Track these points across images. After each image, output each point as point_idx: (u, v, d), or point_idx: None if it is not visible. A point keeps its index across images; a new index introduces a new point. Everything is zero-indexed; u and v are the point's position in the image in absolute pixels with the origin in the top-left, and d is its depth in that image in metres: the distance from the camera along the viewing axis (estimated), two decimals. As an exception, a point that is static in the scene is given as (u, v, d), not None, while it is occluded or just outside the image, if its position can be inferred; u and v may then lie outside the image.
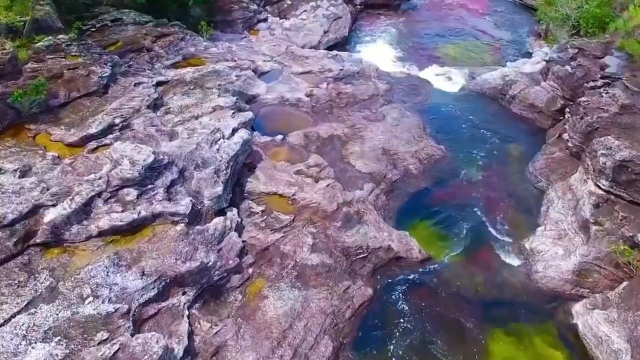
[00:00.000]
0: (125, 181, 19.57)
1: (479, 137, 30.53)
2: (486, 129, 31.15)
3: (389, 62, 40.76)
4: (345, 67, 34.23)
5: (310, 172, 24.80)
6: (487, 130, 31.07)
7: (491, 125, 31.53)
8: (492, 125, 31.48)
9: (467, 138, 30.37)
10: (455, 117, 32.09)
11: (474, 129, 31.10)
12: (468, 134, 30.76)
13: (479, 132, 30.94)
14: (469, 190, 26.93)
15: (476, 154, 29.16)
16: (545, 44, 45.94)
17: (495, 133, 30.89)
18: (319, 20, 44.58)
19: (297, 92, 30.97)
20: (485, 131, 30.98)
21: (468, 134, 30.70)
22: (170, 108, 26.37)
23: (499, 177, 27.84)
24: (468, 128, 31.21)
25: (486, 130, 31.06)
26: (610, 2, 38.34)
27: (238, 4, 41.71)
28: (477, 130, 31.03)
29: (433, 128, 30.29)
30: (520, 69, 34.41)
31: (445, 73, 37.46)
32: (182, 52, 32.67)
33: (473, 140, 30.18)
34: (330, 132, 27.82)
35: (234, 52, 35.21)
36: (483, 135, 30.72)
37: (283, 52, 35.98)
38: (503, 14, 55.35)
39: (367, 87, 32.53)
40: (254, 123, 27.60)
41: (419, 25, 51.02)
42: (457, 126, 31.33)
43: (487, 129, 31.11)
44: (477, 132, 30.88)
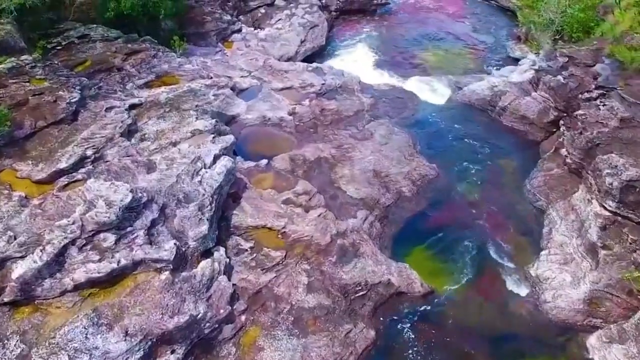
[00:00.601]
0: (101, 225, 17.78)
1: (471, 152, 29.23)
2: (477, 143, 29.87)
3: (370, 72, 39.28)
4: (327, 81, 32.65)
5: (299, 201, 23.19)
6: (478, 144, 29.79)
7: (482, 139, 30.24)
8: (483, 139, 30.20)
9: (459, 154, 29.03)
10: (444, 132, 30.73)
11: (465, 144, 29.79)
12: (459, 149, 29.42)
13: (471, 147, 29.64)
14: (465, 211, 25.58)
15: (470, 171, 27.86)
16: (526, 48, 44.88)
17: (487, 147, 29.62)
18: (295, 30, 42.98)
19: (278, 110, 29.32)
20: (477, 146, 29.69)
21: (459, 150, 29.37)
22: (146, 134, 24.59)
23: (495, 196, 26.53)
24: (459, 143, 29.89)
25: (477, 144, 29.78)
26: (594, 6, 37.32)
27: (211, 15, 39.87)
28: (468, 145, 29.73)
29: (423, 145, 28.86)
30: (509, 78, 33.14)
31: (430, 83, 36.06)
32: (154, 70, 30.81)
33: (465, 156, 28.86)
34: (317, 154, 26.21)
35: (210, 68, 33.44)
36: (475, 150, 29.43)
37: (261, 66, 34.25)
38: (480, 16, 54.28)
39: (351, 103, 30.99)
40: (236, 147, 25.82)
41: (397, 31, 49.68)
42: (447, 141, 29.98)
43: (478, 144, 29.83)
44: (468, 147, 29.57)
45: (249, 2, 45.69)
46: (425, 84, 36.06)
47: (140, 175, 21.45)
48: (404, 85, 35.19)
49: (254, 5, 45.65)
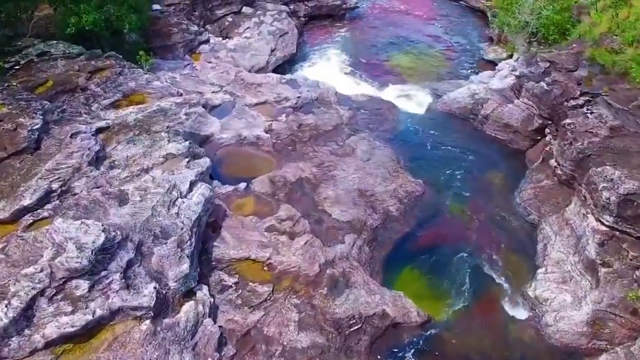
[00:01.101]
0: (72, 272, 16.28)
1: (456, 164, 28.27)
2: (462, 154, 28.95)
3: (345, 81, 38.17)
4: (302, 93, 31.36)
5: (283, 228, 21.89)
6: (463, 155, 28.86)
7: (466, 149, 29.31)
8: (467, 150, 29.28)
9: (444, 167, 28.06)
10: (427, 144, 29.73)
11: (450, 156, 28.84)
12: (444, 162, 28.44)
13: (455, 158, 28.71)
14: (455, 228, 24.59)
15: (456, 185, 26.92)
16: (500, 50, 44.36)
17: (472, 158, 28.72)
18: (265, 38, 41.62)
19: (254, 128, 27.95)
20: (462, 157, 28.77)
21: (444, 162, 28.39)
22: (115, 161, 23.05)
23: (485, 210, 25.59)
24: (443, 155, 28.94)
25: (462, 156, 28.86)
26: (569, 7, 36.68)
27: (177, 27, 38.21)
28: (452, 157, 28.80)
29: (407, 159, 27.80)
30: (489, 84, 32.21)
31: (408, 92, 35.04)
32: (121, 89, 29.11)
33: (450, 169, 27.89)
34: (298, 175, 24.94)
35: (179, 84, 31.91)
36: (460, 162, 28.49)
37: (232, 79, 32.80)
38: (450, 18, 53.60)
39: (329, 116, 29.74)
40: (212, 170, 24.40)
41: (368, 35, 48.69)
42: (431, 154, 28.98)
43: (462, 155, 28.91)
44: (453, 159, 28.62)
45: (216, 10, 44.13)
46: (403, 93, 35.07)
47: (112, 209, 19.90)
48: (382, 95, 34.09)
49: (220, 14, 44.12)
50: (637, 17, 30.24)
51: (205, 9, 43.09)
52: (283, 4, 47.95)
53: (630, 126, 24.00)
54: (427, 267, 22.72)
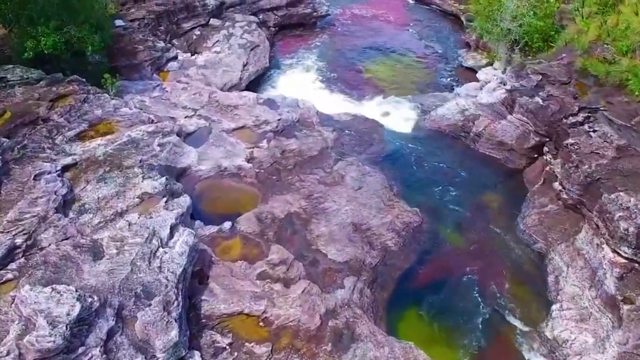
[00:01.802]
0: (45, 353, 14.01)
1: (451, 188, 26.70)
2: (456, 176, 27.38)
3: (323, 96, 36.48)
4: (282, 115, 29.38)
5: (276, 274, 19.94)
6: (457, 178, 27.29)
7: (460, 170, 27.77)
8: (461, 171, 27.73)
9: (439, 191, 26.45)
10: (419, 166, 28.05)
11: (443, 178, 27.24)
12: (438, 185, 26.83)
13: (449, 181, 27.13)
14: (458, 261, 23.00)
15: (453, 211, 25.34)
16: (479, 56, 43.08)
17: (467, 180, 27.18)
18: (235, 52, 39.56)
19: (235, 156, 25.92)
20: (456, 179, 27.20)
21: (438, 186, 26.78)
22: (86, 204, 20.88)
23: (486, 238, 24.08)
24: (436, 177, 27.35)
25: (456, 178, 27.29)
26: (552, 14, 35.35)
27: (142, 44, 35.91)
28: (446, 180, 27.21)
29: (399, 184, 26.10)
30: (478, 99, 30.62)
31: (392, 108, 33.32)
32: (87, 118, 26.82)
33: (446, 194, 26.33)
34: (287, 209, 23.01)
35: (149, 108, 29.72)
36: (455, 184, 26.92)
37: (206, 102, 30.69)
38: (424, 23, 52.20)
39: (314, 140, 27.82)
40: (192, 207, 22.26)
41: (341, 43, 46.98)
42: (424, 177, 27.32)
43: (457, 177, 27.35)
44: (447, 182, 27.05)
45: (182, 24, 41.89)
46: (386, 109, 33.34)
47: (86, 265, 17.74)
48: (365, 113, 32.30)
49: (187, 27, 41.91)
50: (627, 25, 28.90)
51: (170, 23, 40.83)
52: (252, 14, 45.99)
53: (637, 145, 22.68)
54: (432, 308, 21.02)
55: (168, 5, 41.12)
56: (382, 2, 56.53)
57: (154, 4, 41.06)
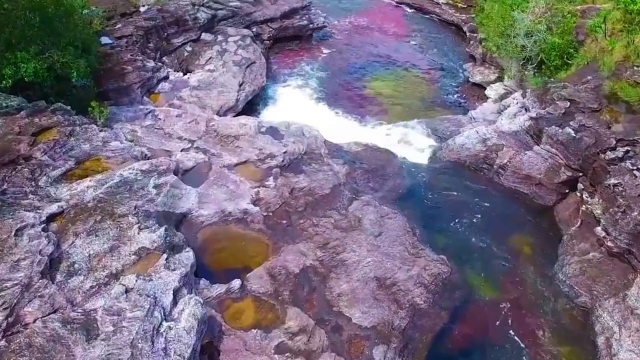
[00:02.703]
0: None
1: (477, 228, 24.35)
2: (481, 214, 25.04)
3: (326, 119, 34.15)
4: (288, 147, 26.84)
5: (297, 345, 17.46)
6: (482, 216, 24.95)
7: (485, 208, 25.41)
8: (486, 209, 25.38)
9: (464, 232, 24.08)
10: (439, 203, 25.67)
11: (467, 217, 24.90)
12: (462, 225, 24.50)
13: (474, 220, 24.79)
14: (493, 317, 20.72)
15: (483, 256, 23.02)
16: (487, 71, 40.98)
17: (494, 219, 24.84)
18: (230, 70, 37.07)
19: (239, 198, 23.32)
20: (481, 218, 24.87)
21: (463, 226, 24.43)
22: (75, 263, 18.35)
23: (522, 289, 21.82)
24: (460, 216, 25.00)
25: (481, 216, 24.94)
26: (570, 30, 33.10)
27: (131, 64, 33.22)
28: (471, 218, 24.87)
29: (421, 226, 23.62)
30: (498, 126, 28.20)
31: (404, 134, 31.01)
32: (73, 154, 24.23)
33: (472, 235, 23.98)
34: (301, 263, 20.50)
35: (141, 139, 27.12)
36: (480, 224, 24.58)
37: (204, 131, 28.05)
38: (424, 34, 50.06)
39: (324, 176, 25.31)
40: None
41: (339, 58, 44.73)
42: (446, 216, 24.95)
43: (482, 215, 25.00)
44: (472, 221, 24.72)
45: (172, 39, 39.29)
46: (399, 136, 30.89)
47: (78, 347, 15.16)
48: (376, 141, 29.75)
49: (178, 43, 39.30)
50: (659, 45, 26.72)
51: (160, 39, 38.20)
52: (245, 27, 43.61)
53: (690, 186, 20.32)
54: (473, 376, 18.51)
55: (157, 20, 38.51)
56: (379, 12, 54.57)
57: (142, 18, 38.48)
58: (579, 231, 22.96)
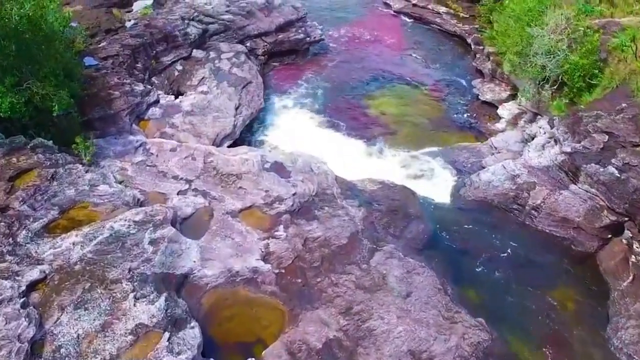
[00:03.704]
0: None
1: (512, 280, 21.93)
2: (515, 263, 22.54)
3: (332, 146, 31.43)
4: (297, 187, 24.12)
5: None
6: (517, 265, 22.49)
7: (519, 256, 22.92)
8: (520, 257, 22.89)
9: (500, 287, 21.64)
10: (469, 251, 23.10)
11: (501, 268, 22.42)
12: (497, 279, 22.01)
13: (509, 270, 22.33)
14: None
15: (523, 316, 20.58)
16: (497, 89, 38.47)
17: (530, 269, 22.41)
18: (225, 92, 34.24)
19: (247, 253, 20.56)
20: (516, 267, 22.45)
21: (498, 280, 21.96)
22: (61, 348, 16.01)
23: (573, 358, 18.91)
24: (493, 267, 22.54)
25: (516, 265, 22.48)
26: (595, 49, 30.56)
27: (119, 88, 30.27)
28: (505, 269, 22.42)
29: (454, 282, 21.14)
30: (527, 159, 25.58)
31: (420, 167, 28.45)
32: (56, 201, 21.47)
33: (508, 289, 21.59)
34: (324, 335, 17.85)
35: (133, 179, 24.33)
36: (516, 275, 22.16)
37: (201, 168, 25.23)
38: (426, 46, 47.41)
39: (339, 222, 22.58)
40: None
41: (339, 74, 41.97)
42: (478, 267, 22.46)
43: (516, 264, 22.52)
44: (506, 272, 22.28)
45: (161, 57, 36.30)
46: (415, 169, 28.25)
47: None
48: (390, 174, 27.14)
49: (167, 62, 36.31)
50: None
51: (148, 57, 35.21)
52: (238, 42, 40.67)
53: None
54: None
55: (145, 37, 35.52)
56: (377, 22, 51.77)
57: (128, 35, 35.49)
58: (631, 288, 20.40)
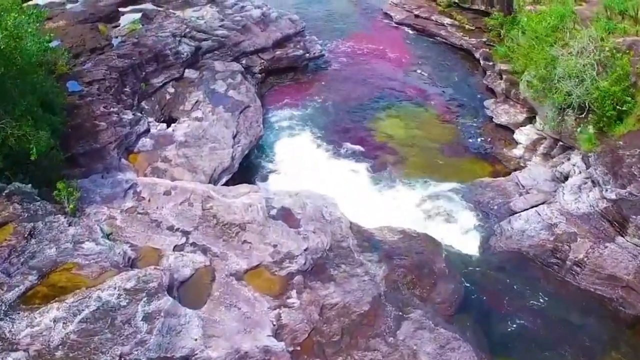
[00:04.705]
0: None
1: (558, 349, 19.10)
2: (559, 327, 20.42)
3: (341, 178, 29.16)
4: (308, 240, 21.41)
5: None
6: (561, 330, 20.22)
7: (562, 320, 20.62)
8: (564, 321, 20.63)
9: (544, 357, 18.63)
10: (508, 317, 20.55)
11: (544, 335, 20.11)
12: (539, 350, 19.35)
13: (552, 337, 20.11)
14: None
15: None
16: (512, 110, 35.85)
17: (575, 334, 20.14)
18: (222, 118, 31.54)
19: (257, 328, 17.85)
20: (560, 333, 20.16)
21: (540, 351, 19.20)
22: None
23: None
24: (534, 333, 20.27)
25: (560, 330, 20.22)
26: (627, 75, 27.98)
27: (105, 119, 27.57)
28: (548, 335, 20.26)
29: (491, 353, 18.19)
30: (562, 203, 22.92)
31: (440, 210, 25.63)
32: (35, 264, 18.83)
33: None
34: None
35: (122, 232, 21.47)
36: (560, 343, 20.04)
37: (199, 216, 22.39)
38: (432, 61, 44.89)
39: (359, 284, 19.92)
40: None
41: (341, 94, 39.47)
42: (520, 337, 20.00)
43: (560, 328, 20.34)
44: (550, 340, 20.09)
45: (151, 79, 33.58)
46: (433, 211, 25.63)
47: None
48: (408, 218, 24.41)
49: (158, 84, 33.53)
50: None
51: (137, 80, 32.52)
52: (233, 59, 37.88)
53: None
54: None
55: (133, 57, 32.73)
56: (378, 34, 49.20)
57: (115, 55, 32.66)
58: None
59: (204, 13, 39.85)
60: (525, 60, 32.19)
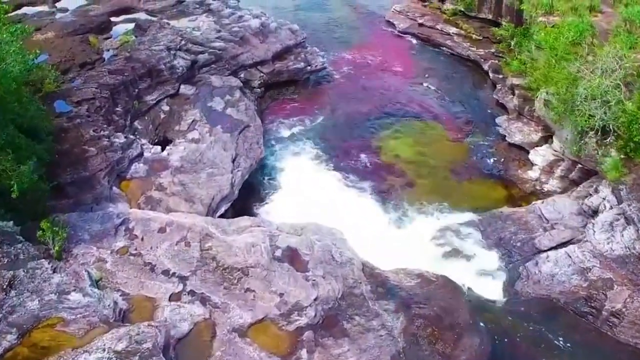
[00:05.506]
0: None
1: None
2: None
3: (347, 206, 27.55)
4: (318, 287, 19.44)
5: None
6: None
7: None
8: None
9: None
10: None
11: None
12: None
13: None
14: None
15: None
16: (527, 128, 34.10)
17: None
18: (220, 139, 29.64)
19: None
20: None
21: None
22: None
23: None
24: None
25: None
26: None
27: (95, 144, 25.74)
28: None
29: None
30: (595, 244, 20.95)
31: (456, 247, 23.65)
32: (15, 320, 16.99)
33: None
34: None
35: (113, 278, 19.41)
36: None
37: (198, 258, 20.34)
38: (439, 73, 43.10)
39: (376, 340, 18.02)
40: None
41: (343, 109, 37.78)
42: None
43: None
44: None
45: (145, 96, 31.66)
46: (448, 245, 23.72)
47: None
48: (428, 262, 22.42)
49: (151, 101, 31.57)
50: None
51: (130, 97, 30.61)
52: (231, 73, 35.78)
53: None
54: None
55: (125, 73, 30.76)
56: (381, 45, 47.31)
57: (106, 71, 30.68)
58: None
59: (200, 23, 37.77)
60: (541, 76, 30.20)
